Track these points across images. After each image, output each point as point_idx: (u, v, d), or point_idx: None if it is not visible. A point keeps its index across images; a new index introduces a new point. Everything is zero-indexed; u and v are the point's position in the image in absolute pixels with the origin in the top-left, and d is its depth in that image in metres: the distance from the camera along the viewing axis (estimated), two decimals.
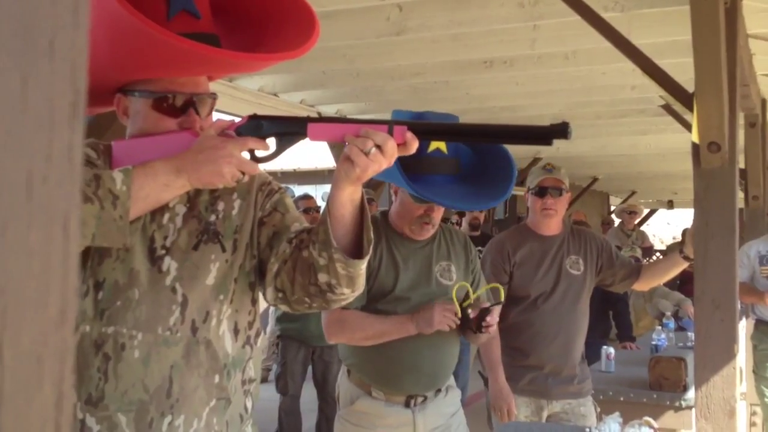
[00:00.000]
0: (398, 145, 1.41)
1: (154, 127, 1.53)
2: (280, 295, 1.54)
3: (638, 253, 7.14)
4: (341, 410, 2.61)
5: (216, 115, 1.65)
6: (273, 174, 12.06)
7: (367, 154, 1.38)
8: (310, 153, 10.59)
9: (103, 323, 1.48)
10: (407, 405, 2.53)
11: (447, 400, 2.63)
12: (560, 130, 1.38)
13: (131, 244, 1.47)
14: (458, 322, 2.44)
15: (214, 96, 1.60)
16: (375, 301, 2.52)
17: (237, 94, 5.43)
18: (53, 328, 0.32)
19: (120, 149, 1.53)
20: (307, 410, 5.32)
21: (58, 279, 0.32)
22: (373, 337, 2.48)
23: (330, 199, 1.44)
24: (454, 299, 2.47)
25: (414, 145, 1.42)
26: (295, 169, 11.80)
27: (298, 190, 11.71)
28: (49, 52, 0.32)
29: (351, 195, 1.43)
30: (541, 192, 3.26)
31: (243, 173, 1.47)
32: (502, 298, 2.60)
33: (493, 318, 2.45)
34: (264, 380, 7.54)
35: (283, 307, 1.59)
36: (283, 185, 1.75)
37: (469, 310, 2.46)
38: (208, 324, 1.54)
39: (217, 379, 1.54)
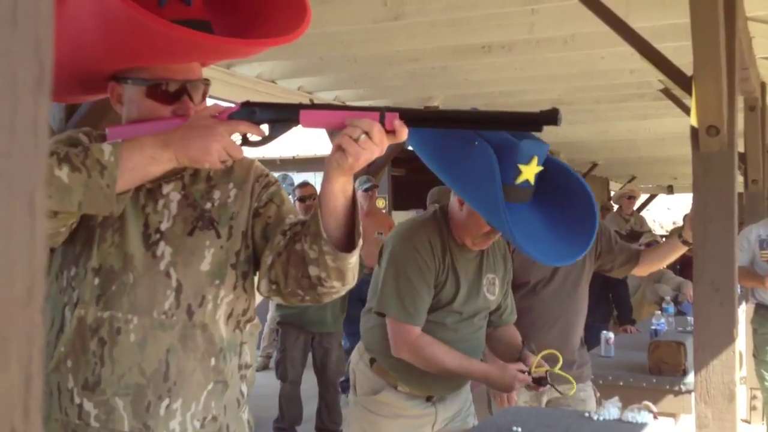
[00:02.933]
0: (387, 132, 1.41)
1: (149, 115, 1.53)
2: (274, 287, 1.56)
3: (657, 237, 7.12)
4: (360, 397, 2.60)
5: (212, 102, 1.65)
6: (272, 161, 12.04)
7: (356, 140, 1.38)
8: (310, 140, 10.55)
9: (99, 308, 1.49)
10: (428, 399, 2.57)
11: (464, 387, 2.70)
12: (550, 117, 1.39)
13: (118, 211, 1.47)
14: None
15: (207, 82, 1.60)
16: (428, 312, 2.48)
17: (234, 81, 5.40)
18: (19, 308, 0.31)
19: (114, 134, 1.53)
20: (307, 397, 5.33)
21: (24, 258, 0.31)
22: (443, 373, 2.48)
23: (322, 191, 1.46)
24: (532, 370, 2.45)
25: (403, 133, 1.42)
26: (294, 156, 11.73)
27: (297, 177, 11.66)
28: (11, 21, 0.31)
29: (343, 186, 1.44)
30: None
31: (230, 156, 1.47)
32: (557, 368, 2.47)
33: (543, 387, 2.50)
34: (264, 367, 7.56)
35: (276, 299, 1.61)
36: (282, 172, 1.77)
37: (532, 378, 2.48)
38: (204, 308, 1.56)
39: (213, 362, 1.56)
